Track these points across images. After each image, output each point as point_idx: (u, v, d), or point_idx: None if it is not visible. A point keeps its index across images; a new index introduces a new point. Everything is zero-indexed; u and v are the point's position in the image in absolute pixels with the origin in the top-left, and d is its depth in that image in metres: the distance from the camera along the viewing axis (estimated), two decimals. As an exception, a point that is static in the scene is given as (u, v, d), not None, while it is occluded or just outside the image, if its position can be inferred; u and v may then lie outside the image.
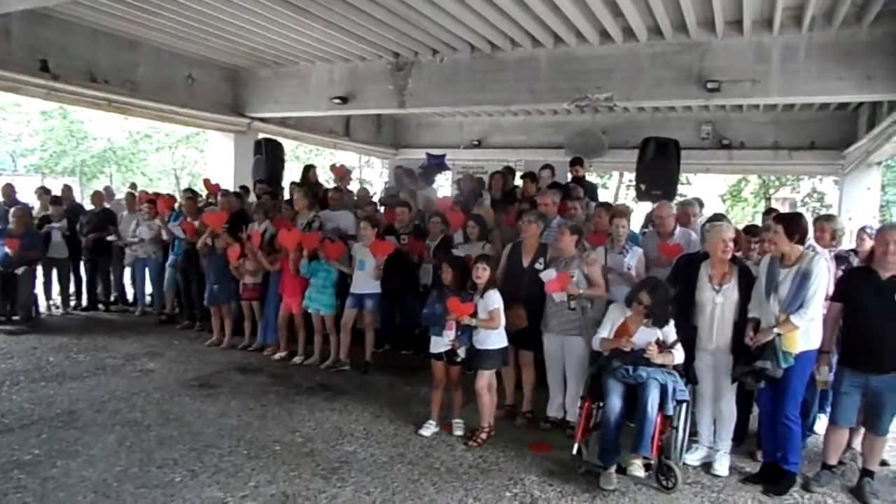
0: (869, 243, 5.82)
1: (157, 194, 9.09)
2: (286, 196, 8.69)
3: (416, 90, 10.42)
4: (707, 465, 4.46)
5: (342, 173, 8.74)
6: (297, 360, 6.64)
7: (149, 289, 8.82)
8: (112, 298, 9.03)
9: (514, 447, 4.65)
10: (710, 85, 8.65)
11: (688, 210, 6.02)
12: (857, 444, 4.52)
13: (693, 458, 4.50)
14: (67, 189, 9.36)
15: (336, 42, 9.44)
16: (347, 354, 6.49)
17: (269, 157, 9.33)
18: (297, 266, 6.42)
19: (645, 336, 4.24)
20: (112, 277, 9.02)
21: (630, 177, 20.69)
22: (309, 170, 9.09)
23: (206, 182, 8.42)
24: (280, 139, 11.28)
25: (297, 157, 20.13)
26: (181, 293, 8.18)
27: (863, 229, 5.98)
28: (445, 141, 15.70)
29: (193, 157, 19.59)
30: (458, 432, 4.84)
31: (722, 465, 4.39)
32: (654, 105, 11.61)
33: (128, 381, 5.79)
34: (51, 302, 8.66)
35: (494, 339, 4.70)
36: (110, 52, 9.21)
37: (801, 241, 4.14)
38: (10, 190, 8.65)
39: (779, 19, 7.69)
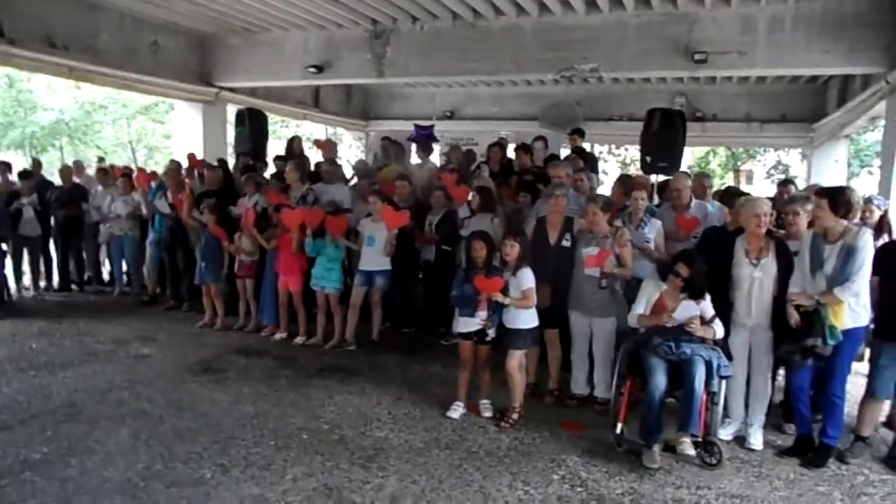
0: (878, 214, 5.92)
1: (139, 169, 8.52)
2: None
3: (395, 59, 10.04)
4: (739, 440, 4.44)
5: (329, 147, 8.36)
6: (298, 340, 6.37)
7: (125, 267, 8.35)
8: (86, 278, 8.51)
9: (546, 427, 4.54)
10: (697, 56, 8.57)
11: (703, 182, 5.94)
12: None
13: (726, 432, 4.47)
14: (37, 163, 8.74)
15: (311, 7, 8.96)
16: (354, 334, 6.25)
17: (253, 128, 8.86)
18: (300, 244, 6.11)
19: (685, 310, 4.15)
20: (85, 256, 8.49)
21: (600, 148, 20.86)
22: (293, 141, 8.68)
23: (191, 156, 7.93)
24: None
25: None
26: (165, 272, 7.75)
27: (869, 200, 6.05)
28: (417, 112, 15.27)
29: (150, 128, 18.62)
30: (487, 413, 4.70)
31: (757, 440, 4.37)
32: (638, 76, 11.48)
33: (124, 368, 5.44)
34: (20, 283, 8.09)
35: (526, 318, 4.55)
36: (69, 16, 8.54)
37: (846, 215, 4.08)
38: (-29, 166, 8.01)
39: None
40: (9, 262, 7.69)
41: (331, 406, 4.76)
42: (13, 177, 8.18)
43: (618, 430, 4.15)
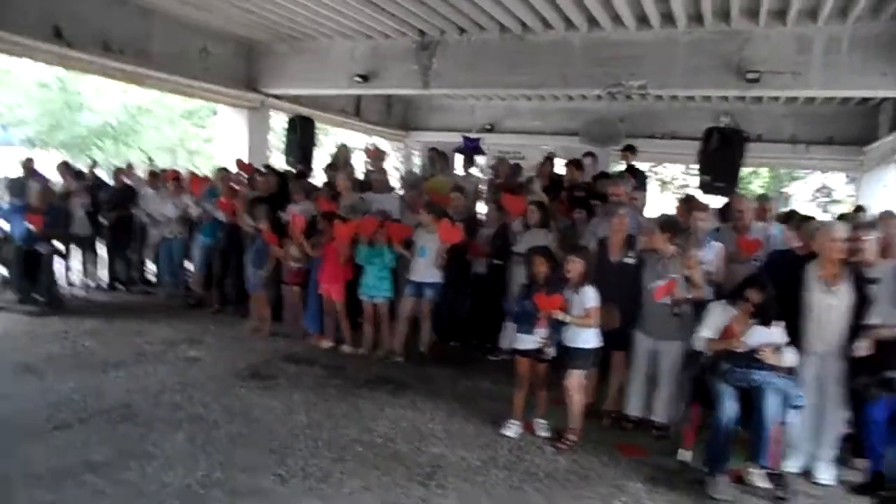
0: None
1: (191, 173, 8.62)
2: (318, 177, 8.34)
3: (441, 70, 10.01)
4: (805, 473, 4.26)
5: (377, 155, 8.35)
6: (345, 349, 6.32)
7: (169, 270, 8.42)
8: (132, 278, 8.61)
9: (603, 449, 4.42)
10: (749, 76, 8.40)
11: (764, 205, 5.78)
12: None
13: (793, 465, 4.30)
14: (92, 163, 8.86)
15: (358, 17, 8.98)
16: (402, 346, 6.19)
17: (303, 135, 8.90)
18: (347, 257, 6.09)
19: (757, 336, 4.01)
20: (132, 257, 8.59)
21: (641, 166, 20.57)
22: (341, 150, 8.69)
23: (239, 162, 7.99)
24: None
25: None
26: (212, 276, 7.79)
27: None
28: (456, 124, 15.30)
29: (192, 133, 18.89)
30: (544, 433, 4.59)
31: (827, 474, 4.19)
32: (686, 94, 11.33)
33: (175, 371, 5.45)
34: (70, 282, 8.21)
35: (587, 337, 4.44)
36: (125, 21, 8.71)
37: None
38: (29, 163, 8.16)
39: (826, 10, 7.40)
40: (61, 260, 7.80)
41: (383, 419, 4.69)
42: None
43: (684, 458, 4.00)
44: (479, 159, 9.08)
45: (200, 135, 18.82)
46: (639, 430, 4.79)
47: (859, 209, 6.44)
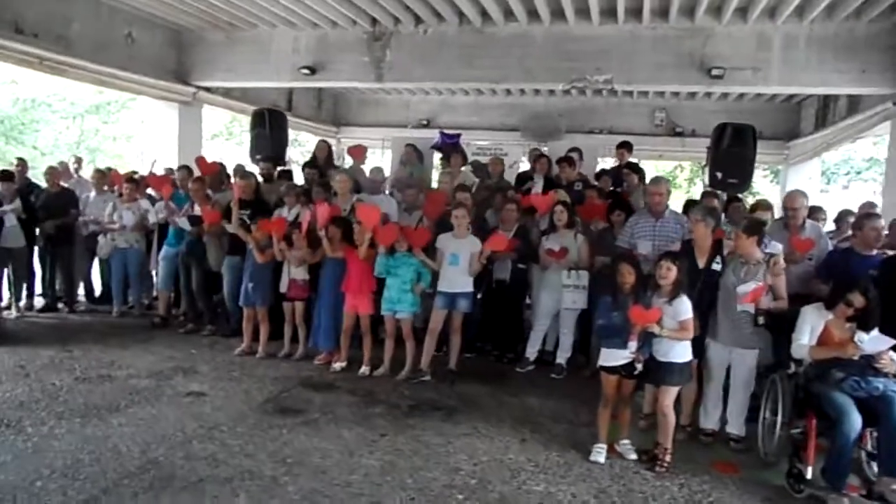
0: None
1: (165, 175, 7.49)
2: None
3: (396, 63, 9.50)
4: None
5: (362, 153, 7.65)
6: (364, 371, 5.66)
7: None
8: (74, 297, 7.39)
9: (700, 470, 4.13)
10: (714, 72, 8.55)
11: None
12: None
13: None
14: (22, 163, 7.49)
15: (304, 1, 8.31)
16: (430, 363, 5.62)
17: (274, 130, 8.00)
18: (369, 256, 5.48)
19: (872, 343, 3.84)
20: (74, 272, 7.37)
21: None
22: (321, 146, 7.88)
23: (200, 160, 7.01)
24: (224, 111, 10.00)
25: (231, 132, 18.10)
26: (180, 291, 6.82)
27: None
28: (391, 120, 14.84)
29: (93, 128, 16.88)
30: (631, 456, 4.23)
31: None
32: (657, 89, 11.41)
33: (187, 412, 4.59)
34: (1, 304, 6.91)
35: (680, 350, 4.11)
36: (40, 1, 7.55)
37: None
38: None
39: (786, 10, 7.64)
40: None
41: (457, 454, 4.15)
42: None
43: (807, 475, 3.77)
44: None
45: (107, 132, 16.93)
46: (719, 443, 4.56)
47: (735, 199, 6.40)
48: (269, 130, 8.03)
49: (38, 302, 7.37)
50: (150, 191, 7.33)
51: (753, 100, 12.64)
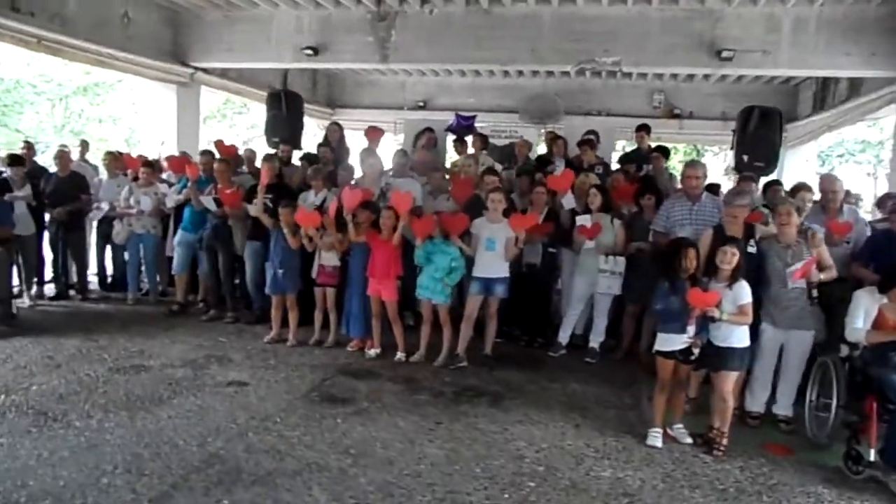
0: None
1: (184, 157, 7.23)
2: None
3: (401, 44, 9.33)
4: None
5: (378, 135, 7.50)
6: (399, 356, 5.59)
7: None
8: (87, 284, 7.17)
9: (755, 452, 4.18)
10: (724, 54, 8.54)
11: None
12: None
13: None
14: (29, 147, 7.20)
15: None
16: (466, 349, 5.57)
17: (290, 111, 7.79)
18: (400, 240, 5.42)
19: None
20: (84, 258, 7.15)
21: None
22: (332, 127, 7.73)
23: (219, 143, 6.80)
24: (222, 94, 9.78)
25: (224, 114, 17.66)
26: (202, 277, 6.65)
27: None
28: (387, 101, 14.62)
29: (80, 110, 16.29)
30: (686, 440, 4.25)
31: None
32: (667, 71, 11.37)
33: (234, 402, 4.48)
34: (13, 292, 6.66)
35: (740, 335, 4.13)
36: None
37: None
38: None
39: None
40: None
41: (516, 441, 4.13)
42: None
43: (870, 457, 3.83)
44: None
45: (93, 114, 16.39)
46: (767, 425, 4.62)
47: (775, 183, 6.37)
48: (285, 112, 7.82)
49: (49, 289, 7.14)
50: (164, 174, 7.12)
51: (752, 82, 12.62)
